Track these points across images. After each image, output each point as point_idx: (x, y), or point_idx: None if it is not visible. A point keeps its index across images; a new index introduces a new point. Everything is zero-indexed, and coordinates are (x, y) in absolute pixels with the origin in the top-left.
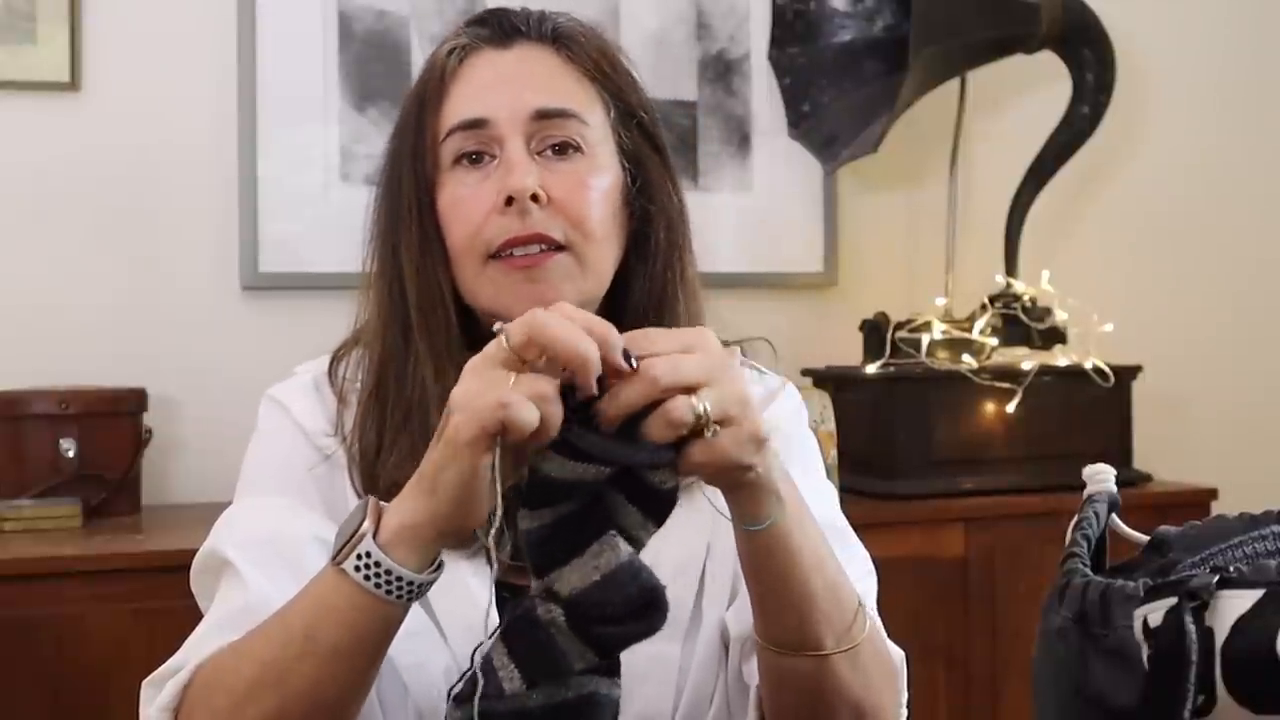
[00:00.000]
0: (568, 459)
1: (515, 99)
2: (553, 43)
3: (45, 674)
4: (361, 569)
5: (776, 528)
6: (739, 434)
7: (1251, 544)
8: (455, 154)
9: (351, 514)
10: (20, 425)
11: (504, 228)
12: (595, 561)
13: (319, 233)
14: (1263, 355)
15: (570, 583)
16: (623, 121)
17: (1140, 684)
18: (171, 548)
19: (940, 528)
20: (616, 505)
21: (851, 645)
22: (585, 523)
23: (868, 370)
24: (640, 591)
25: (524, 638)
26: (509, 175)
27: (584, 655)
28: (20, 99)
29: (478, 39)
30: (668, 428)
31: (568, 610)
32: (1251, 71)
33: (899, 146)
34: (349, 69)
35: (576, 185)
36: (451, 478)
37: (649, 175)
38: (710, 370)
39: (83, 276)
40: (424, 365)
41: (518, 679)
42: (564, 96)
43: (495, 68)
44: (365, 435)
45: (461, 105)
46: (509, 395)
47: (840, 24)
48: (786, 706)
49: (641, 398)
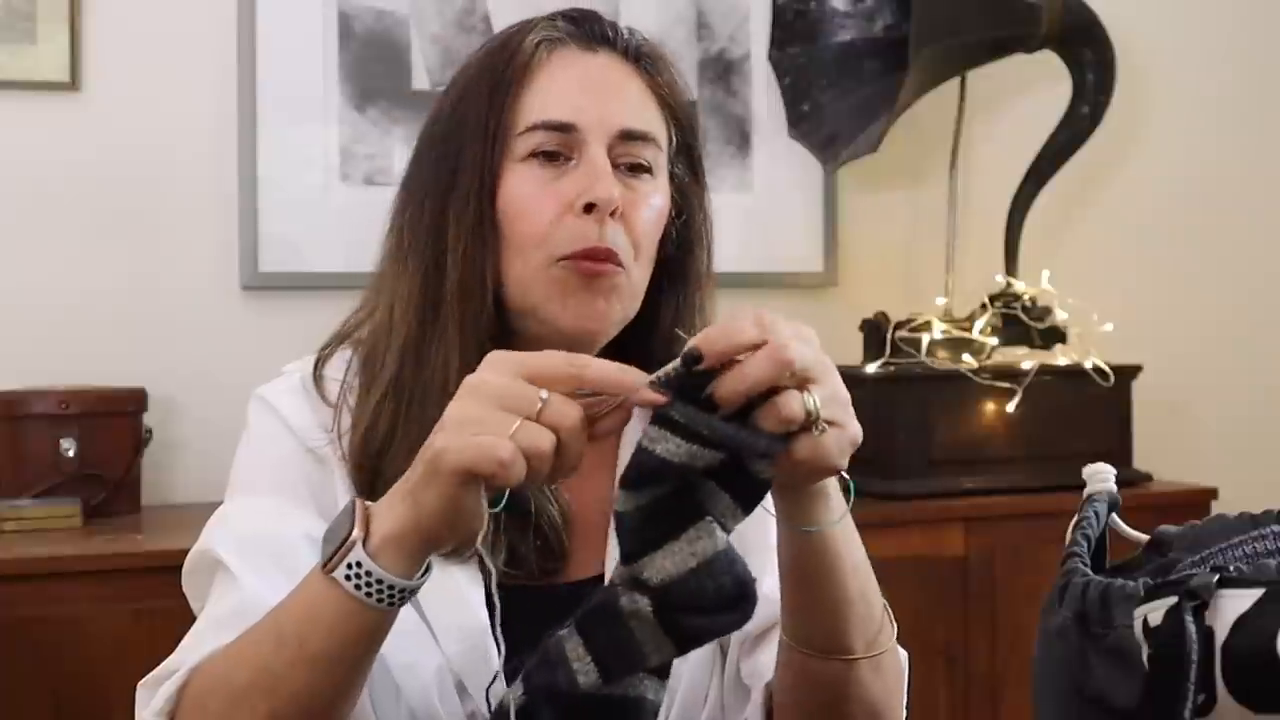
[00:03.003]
0: (686, 441)
1: (605, 111)
2: (635, 60)
3: (45, 674)
4: (351, 577)
5: (826, 532)
6: (842, 436)
7: (1251, 544)
8: (532, 149)
9: (338, 518)
10: (20, 425)
11: (579, 233)
12: (692, 548)
13: (319, 233)
14: (1263, 355)
15: (663, 569)
16: (679, 151)
17: (1140, 684)
18: (171, 548)
19: (940, 528)
20: (710, 492)
21: (880, 651)
22: (680, 506)
23: (868, 370)
24: (734, 582)
25: (604, 630)
26: (595, 183)
27: (662, 649)
28: (20, 99)
29: (568, 35)
30: (779, 421)
31: (658, 599)
32: (1252, 71)
33: (899, 146)
34: (349, 69)
35: (643, 207)
36: (431, 499)
37: (691, 206)
38: (822, 367)
39: (83, 277)
40: (450, 349)
41: (594, 673)
42: (647, 120)
43: (586, 71)
44: (374, 427)
45: (548, 102)
46: (508, 450)
47: (840, 24)
48: (805, 707)
49: (768, 378)
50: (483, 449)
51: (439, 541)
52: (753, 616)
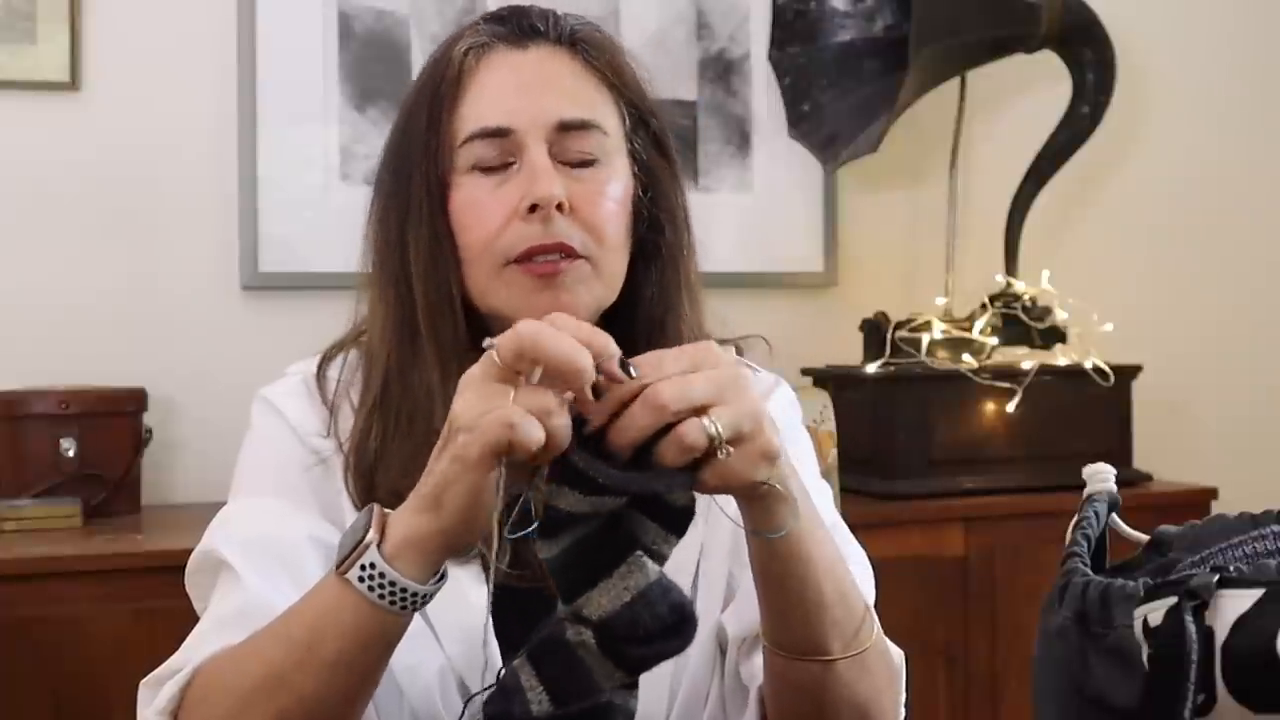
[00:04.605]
0: (582, 493)
1: (538, 108)
2: (570, 46)
3: (45, 674)
4: (366, 580)
5: (792, 536)
6: (752, 452)
7: (1251, 544)
8: (473, 158)
9: (355, 522)
10: (20, 425)
11: (526, 234)
12: (624, 583)
13: (319, 233)
14: (1263, 355)
15: (600, 605)
16: (635, 128)
17: (1140, 684)
18: (171, 548)
19: (940, 528)
20: (636, 523)
21: (859, 650)
22: (606, 544)
23: (868, 370)
24: (671, 609)
25: (552, 659)
26: (535, 183)
27: (613, 675)
28: (20, 99)
29: (495, 37)
30: (681, 453)
31: (598, 632)
32: (1252, 71)
33: (899, 146)
34: (349, 69)
35: (596, 195)
36: (459, 494)
37: (658, 182)
38: (720, 388)
39: (83, 276)
40: (430, 369)
41: (546, 701)
42: (586, 106)
43: (516, 72)
44: (365, 441)
45: (481, 110)
46: (514, 414)
47: (840, 24)
48: (790, 709)
49: (651, 424)
50: (495, 423)
51: (458, 543)
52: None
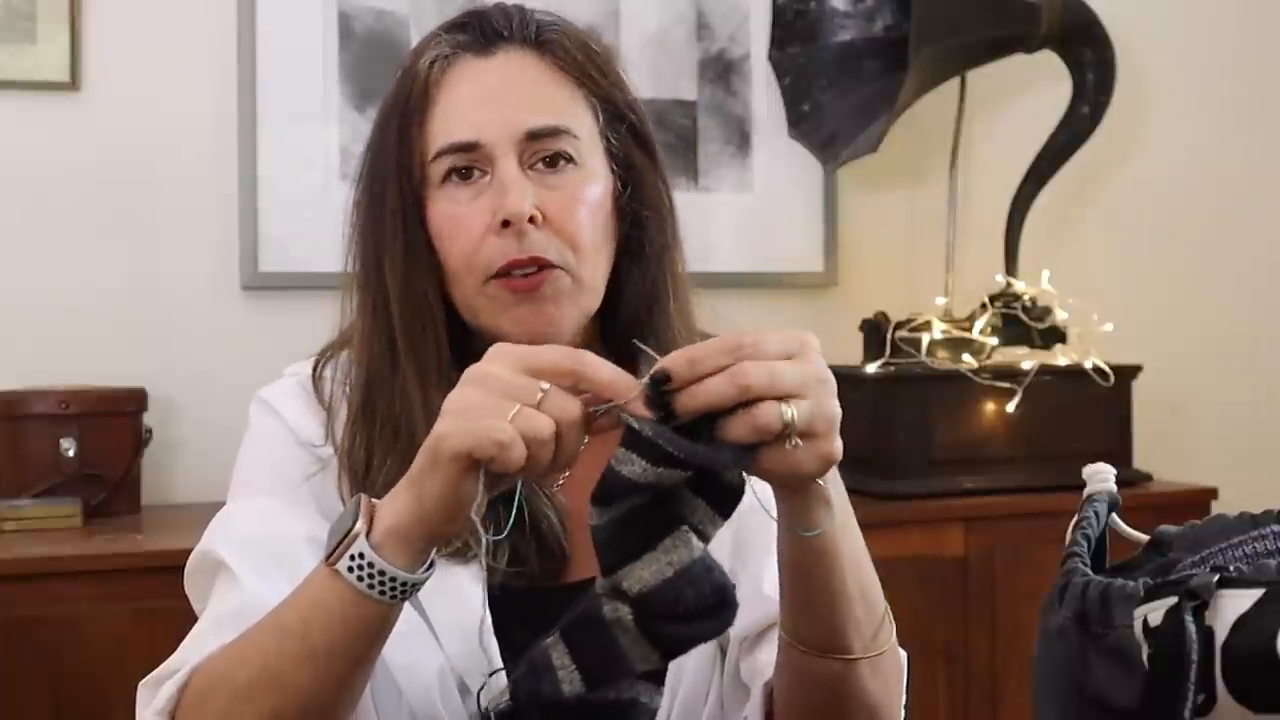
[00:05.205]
0: (650, 463)
1: (505, 119)
2: (536, 46)
3: (45, 674)
4: (354, 569)
5: (826, 534)
6: (818, 450)
7: (1251, 544)
8: (445, 172)
9: (344, 513)
10: (20, 425)
11: (502, 249)
12: (668, 557)
13: (319, 233)
14: (1263, 355)
15: (641, 579)
16: (611, 125)
17: (1140, 684)
18: (171, 548)
19: (940, 528)
20: (685, 500)
21: (879, 651)
22: (655, 517)
23: (868, 370)
24: (714, 589)
25: (587, 637)
26: (504, 198)
27: (648, 657)
28: (20, 99)
29: (458, 46)
30: (751, 432)
31: (637, 608)
32: (1252, 71)
33: (899, 146)
34: (349, 69)
35: (570, 202)
36: (435, 485)
37: (639, 177)
38: (806, 382)
39: (83, 276)
40: (411, 385)
41: (578, 681)
42: (554, 111)
43: (481, 82)
44: (354, 451)
45: (449, 124)
46: (507, 433)
47: (840, 24)
48: (804, 705)
49: (728, 399)
50: (483, 431)
51: (440, 533)
52: (734, 622)
